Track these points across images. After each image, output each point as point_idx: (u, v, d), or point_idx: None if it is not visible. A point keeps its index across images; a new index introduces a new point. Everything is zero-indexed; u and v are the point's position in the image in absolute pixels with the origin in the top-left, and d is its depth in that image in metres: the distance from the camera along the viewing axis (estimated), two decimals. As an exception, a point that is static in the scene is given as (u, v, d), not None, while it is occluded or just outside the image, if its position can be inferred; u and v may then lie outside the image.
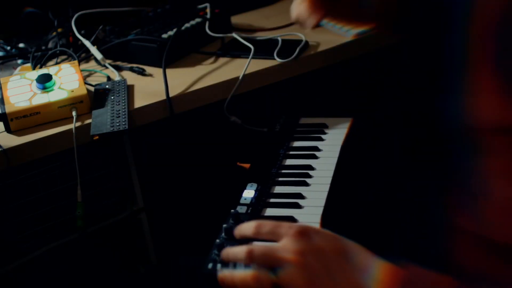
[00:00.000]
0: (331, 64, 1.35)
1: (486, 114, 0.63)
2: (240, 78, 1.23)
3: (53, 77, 1.14)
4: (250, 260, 0.73)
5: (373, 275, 0.67)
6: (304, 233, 0.72)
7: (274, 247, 0.72)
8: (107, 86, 1.18)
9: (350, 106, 1.14)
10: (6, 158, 1.02)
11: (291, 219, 0.93)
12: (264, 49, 1.32)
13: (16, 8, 1.48)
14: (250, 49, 1.29)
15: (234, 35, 1.38)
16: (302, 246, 0.71)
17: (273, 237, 0.74)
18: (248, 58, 1.27)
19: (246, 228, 0.78)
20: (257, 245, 0.74)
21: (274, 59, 1.28)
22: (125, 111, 1.10)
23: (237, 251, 0.75)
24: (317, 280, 0.68)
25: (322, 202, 0.98)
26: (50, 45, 1.39)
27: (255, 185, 1.02)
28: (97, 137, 1.02)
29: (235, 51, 1.33)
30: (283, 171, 1.08)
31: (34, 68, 1.28)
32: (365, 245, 0.73)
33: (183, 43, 1.33)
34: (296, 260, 0.70)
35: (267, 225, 0.76)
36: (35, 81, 1.13)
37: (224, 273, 0.74)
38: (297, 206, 0.97)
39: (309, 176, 1.04)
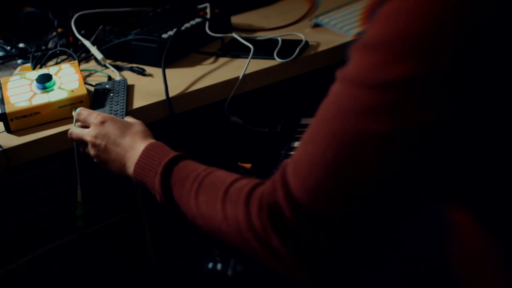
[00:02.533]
0: (331, 64, 1.35)
1: None
2: (240, 78, 1.23)
3: (53, 77, 1.14)
4: (71, 139, 1.03)
5: (136, 153, 0.92)
6: (103, 122, 0.99)
7: (83, 131, 1.01)
8: (107, 86, 1.18)
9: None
10: (6, 158, 1.02)
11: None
12: (264, 49, 1.32)
13: (16, 8, 1.48)
14: (250, 49, 1.29)
15: (234, 35, 1.38)
16: (97, 132, 0.98)
17: (86, 124, 1.02)
18: (248, 58, 1.26)
19: (75, 113, 1.05)
20: (76, 128, 1.03)
21: (274, 59, 1.28)
22: (123, 111, 1.10)
23: (68, 132, 1.04)
24: (101, 154, 0.98)
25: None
26: (50, 45, 1.39)
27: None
28: None
29: (235, 51, 1.33)
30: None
31: (34, 68, 1.28)
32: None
33: (183, 43, 1.33)
34: (91, 141, 0.98)
35: (83, 113, 1.03)
36: (35, 81, 1.13)
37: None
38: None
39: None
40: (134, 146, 0.95)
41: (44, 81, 1.12)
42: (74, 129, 1.03)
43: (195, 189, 0.80)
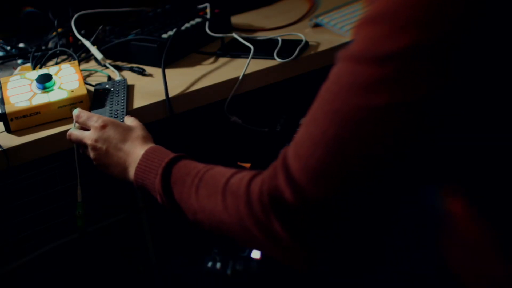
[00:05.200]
0: (331, 64, 1.35)
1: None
2: (240, 78, 1.23)
3: (53, 77, 1.14)
4: (70, 141, 1.03)
5: (136, 158, 0.93)
6: (104, 126, 0.99)
7: (83, 134, 1.01)
8: (107, 86, 1.18)
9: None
10: (6, 158, 1.02)
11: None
12: (264, 49, 1.32)
13: (16, 8, 1.48)
14: (250, 49, 1.29)
15: (234, 35, 1.38)
16: (97, 135, 0.98)
17: (85, 127, 1.02)
18: (248, 58, 1.27)
19: (73, 114, 1.05)
20: (75, 130, 1.03)
21: (274, 59, 1.28)
22: (123, 111, 1.10)
23: (68, 133, 1.04)
24: (101, 158, 0.98)
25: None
26: (50, 45, 1.39)
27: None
28: None
29: (235, 51, 1.33)
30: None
31: (34, 68, 1.28)
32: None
33: (183, 43, 1.33)
34: (91, 145, 0.99)
35: (83, 116, 1.03)
36: (35, 81, 1.13)
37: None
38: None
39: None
40: (134, 151, 0.95)
41: (44, 81, 1.12)
42: (74, 131, 1.03)
43: (195, 185, 0.81)
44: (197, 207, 0.80)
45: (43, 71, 1.16)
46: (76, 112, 1.05)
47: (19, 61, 1.38)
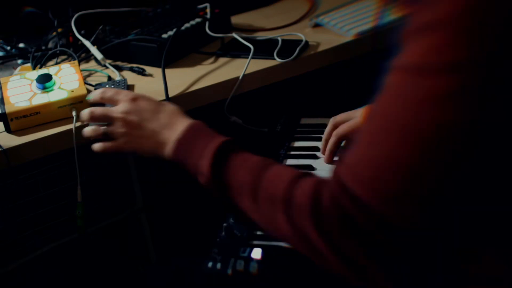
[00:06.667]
0: (331, 64, 1.35)
1: None
2: (240, 78, 1.23)
3: (53, 77, 1.14)
4: (92, 118, 0.97)
5: (176, 131, 0.89)
6: (134, 99, 0.94)
7: (109, 108, 0.95)
8: (107, 86, 1.18)
9: (350, 106, 1.14)
10: (6, 158, 1.02)
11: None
12: (264, 49, 1.32)
13: (16, 7, 1.48)
14: (250, 49, 1.29)
15: (234, 35, 1.38)
16: (128, 108, 0.93)
17: (112, 102, 0.97)
18: (248, 58, 1.27)
19: (96, 93, 1.00)
20: (98, 108, 0.97)
21: (274, 59, 1.28)
22: (125, 111, 1.10)
23: (84, 112, 0.99)
24: (133, 132, 0.93)
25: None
26: (50, 45, 1.39)
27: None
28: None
29: (235, 51, 1.33)
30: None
31: (34, 68, 1.28)
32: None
33: (183, 43, 1.33)
34: (121, 118, 0.93)
35: (109, 91, 0.98)
36: (35, 81, 1.13)
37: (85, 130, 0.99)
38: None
39: (309, 176, 1.04)
40: (171, 125, 0.91)
41: (44, 81, 1.12)
42: (97, 108, 0.98)
43: (251, 183, 0.77)
44: (251, 207, 0.77)
45: (43, 71, 1.16)
46: (99, 90, 1.01)
47: (19, 61, 1.38)
